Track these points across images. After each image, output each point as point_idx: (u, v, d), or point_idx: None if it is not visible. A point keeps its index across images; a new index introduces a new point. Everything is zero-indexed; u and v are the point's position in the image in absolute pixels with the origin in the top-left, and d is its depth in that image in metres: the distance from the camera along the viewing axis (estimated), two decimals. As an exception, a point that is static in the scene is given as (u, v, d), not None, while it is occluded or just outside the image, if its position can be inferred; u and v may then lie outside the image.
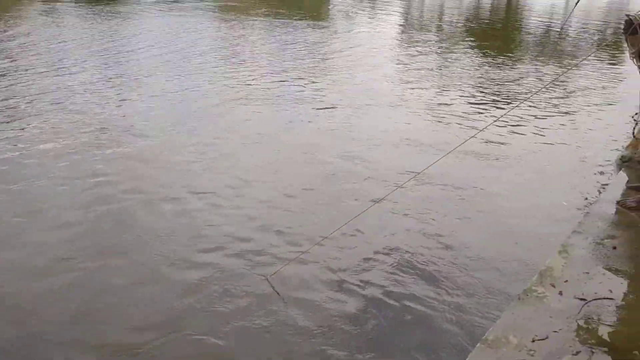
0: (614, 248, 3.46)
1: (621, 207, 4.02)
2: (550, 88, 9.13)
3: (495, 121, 6.78)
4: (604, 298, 2.95)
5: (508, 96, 8.89)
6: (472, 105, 8.32)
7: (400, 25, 19.59)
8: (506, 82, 9.95)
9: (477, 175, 5.64)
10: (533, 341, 2.64)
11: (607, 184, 4.94)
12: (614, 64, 11.66)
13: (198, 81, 9.69)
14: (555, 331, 2.69)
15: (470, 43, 14.96)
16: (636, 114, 5.42)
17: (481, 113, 7.88)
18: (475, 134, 5.77)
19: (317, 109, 8.00)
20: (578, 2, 11.11)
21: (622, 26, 4.27)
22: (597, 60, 12.05)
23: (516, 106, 7.56)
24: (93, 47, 12.79)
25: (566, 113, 7.90)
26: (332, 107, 8.07)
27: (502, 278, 3.84)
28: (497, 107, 8.20)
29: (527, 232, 4.49)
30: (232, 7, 24.08)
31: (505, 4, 27.33)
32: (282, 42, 14.18)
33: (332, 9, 25.49)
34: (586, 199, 4.96)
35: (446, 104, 8.33)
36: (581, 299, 2.94)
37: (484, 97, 8.86)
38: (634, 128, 5.24)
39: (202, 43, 13.93)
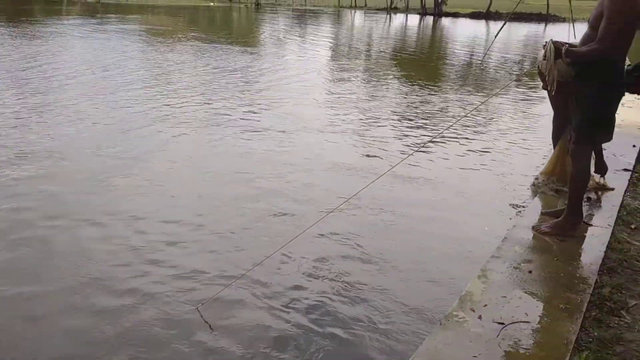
0: (530, 272, 3.60)
1: (536, 232, 4.20)
2: (474, 115, 9.50)
3: (421, 147, 6.97)
4: (521, 321, 3.06)
5: (434, 123, 9.17)
6: (400, 132, 8.53)
7: (330, 53, 19.94)
8: (432, 109, 10.28)
9: (404, 200, 5.75)
10: (454, 366, 2.70)
11: (524, 210, 5.14)
12: (533, 93, 12.28)
13: (125, 104, 9.52)
14: (475, 356, 2.76)
15: (397, 72, 15.40)
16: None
17: (408, 140, 8.08)
18: (403, 159, 5.90)
19: (247, 132, 7.99)
20: (497, 34, 11.68)
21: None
22: (517, 88, 12.67)
23: (441, 134, 7.82)
24: (14, 69, 12.35)
25: (488, 139, 8.22)
26: (263, 132, 8.08)
27: (426, 303, 3.93)
28: (424, 134, 8.43)
29: (452, 257, 4.62)
30: (160, 30, 23.82)
31: (430, 35, 28.33)
32: (212, 67, 14.15)
33: (263, 35, 25.67)
34: (506, 222, 5.16)
35: (375, 131, 8.50)
36: (499, 323, 3.03)
37: (410, 124, 9.10)
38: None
39: (129, 66, 13.71)
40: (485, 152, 7.58)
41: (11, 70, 12.18)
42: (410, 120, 9.39)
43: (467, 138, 8.21)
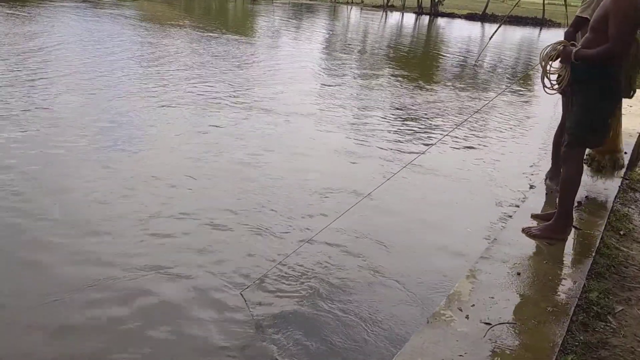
0: (518, 274, 3.59)
1: (526, 235, 4.19)
2: (471, 117, 9.47)
3: (428, 149, 6.91)
4: (508, 322, 3.05)
5: (430, 126, 9.09)
6: (399, 133, 8.46)
7: (325, 47, 19.84)
8: (429, 109, 10.22)
9: (404, 201, 5.80)
10: (439, 365, 2.68)
11: (514, 212, 5.14)
12: (527, 94, 12.29)
13: (120, 83, 9.75)
14: (461, 355, 2.75)
15: (392, 70, 15.33)
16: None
17: (409, 140, 8.03)
18: (412, 160, 5.91)
19: (249, 114, 7.96)
20: (492, 36, 11.66)
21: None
22: (511, 89, 12.67)
23: (445, 135, 7.77)
24: (6, 49, 12.26)
25: (483, 140, 8.21)
26: (261, 122, 8.11)
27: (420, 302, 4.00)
28: (423, 136, 8.37)
29: (447, 259, 4.68)
30: (154, 16, 23.64)
31: (425, 34, 28.34)
32: (206, 55, 14.06)
33: (258, 26, 25.53)
34: (492, 226, 5.21)
35: (372, 130, 8.42)
36: (486, 323, 3.02)
37: (409, 123, 9.06)
38: None
39: (123, 48, 13.72)
40: (477, 153, 7.57)
41: (2, 49, 12.12)
42: (409, 120, 9.35)
43: (462, 138, 8.19)
